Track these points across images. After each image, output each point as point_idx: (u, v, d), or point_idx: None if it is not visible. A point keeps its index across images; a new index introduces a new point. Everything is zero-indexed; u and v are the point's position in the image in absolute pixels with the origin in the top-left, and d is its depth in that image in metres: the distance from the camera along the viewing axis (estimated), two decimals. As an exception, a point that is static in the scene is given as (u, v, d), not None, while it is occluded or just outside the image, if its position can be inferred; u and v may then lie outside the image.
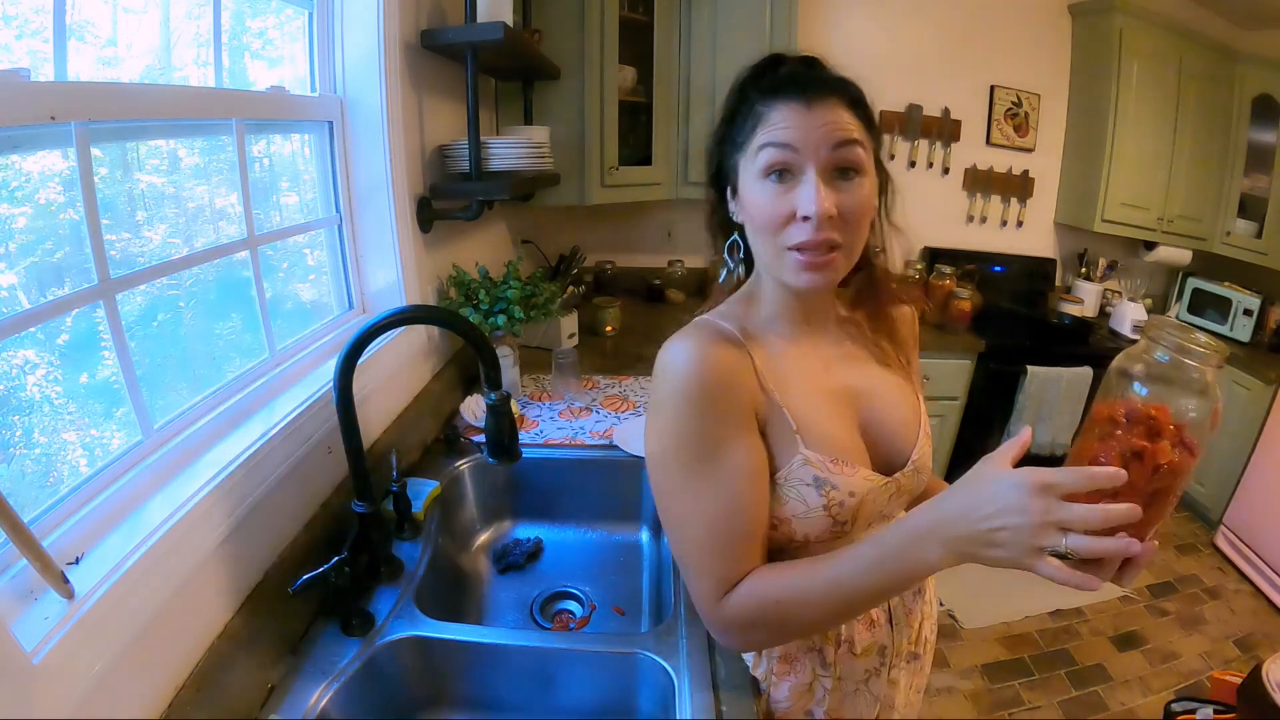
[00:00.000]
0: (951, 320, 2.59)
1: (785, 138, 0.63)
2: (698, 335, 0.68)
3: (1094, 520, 0.47)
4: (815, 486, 0.67)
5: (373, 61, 1.19)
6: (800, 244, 0.64)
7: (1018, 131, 2.88)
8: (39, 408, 0.69)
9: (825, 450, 0.68)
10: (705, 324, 0.72)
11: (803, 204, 0.62)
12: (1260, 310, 2.70)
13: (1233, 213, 2.84)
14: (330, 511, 0.99)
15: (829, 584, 0.62)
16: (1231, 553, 2.56)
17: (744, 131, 0.67)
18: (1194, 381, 0.52)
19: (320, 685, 0.79)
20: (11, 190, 0.66)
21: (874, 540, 0.61)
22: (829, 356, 0.76)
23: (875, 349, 0.80)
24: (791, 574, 0.64)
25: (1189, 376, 0.52)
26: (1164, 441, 0.50)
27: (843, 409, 0.73)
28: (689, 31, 2.26)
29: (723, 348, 0.67)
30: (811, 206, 0.62)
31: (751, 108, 0.67)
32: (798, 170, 0.64)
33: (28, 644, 0.52)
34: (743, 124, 0.68)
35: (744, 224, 0.71)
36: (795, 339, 0.74)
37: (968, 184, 2.92)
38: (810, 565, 0.64)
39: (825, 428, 0.69)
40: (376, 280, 1.32)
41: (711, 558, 0.66)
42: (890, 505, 0.75)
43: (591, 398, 1.65)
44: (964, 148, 2.87)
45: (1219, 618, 2.27)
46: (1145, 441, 0.50)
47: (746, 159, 0.67)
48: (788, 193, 0.64)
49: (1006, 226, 3.02)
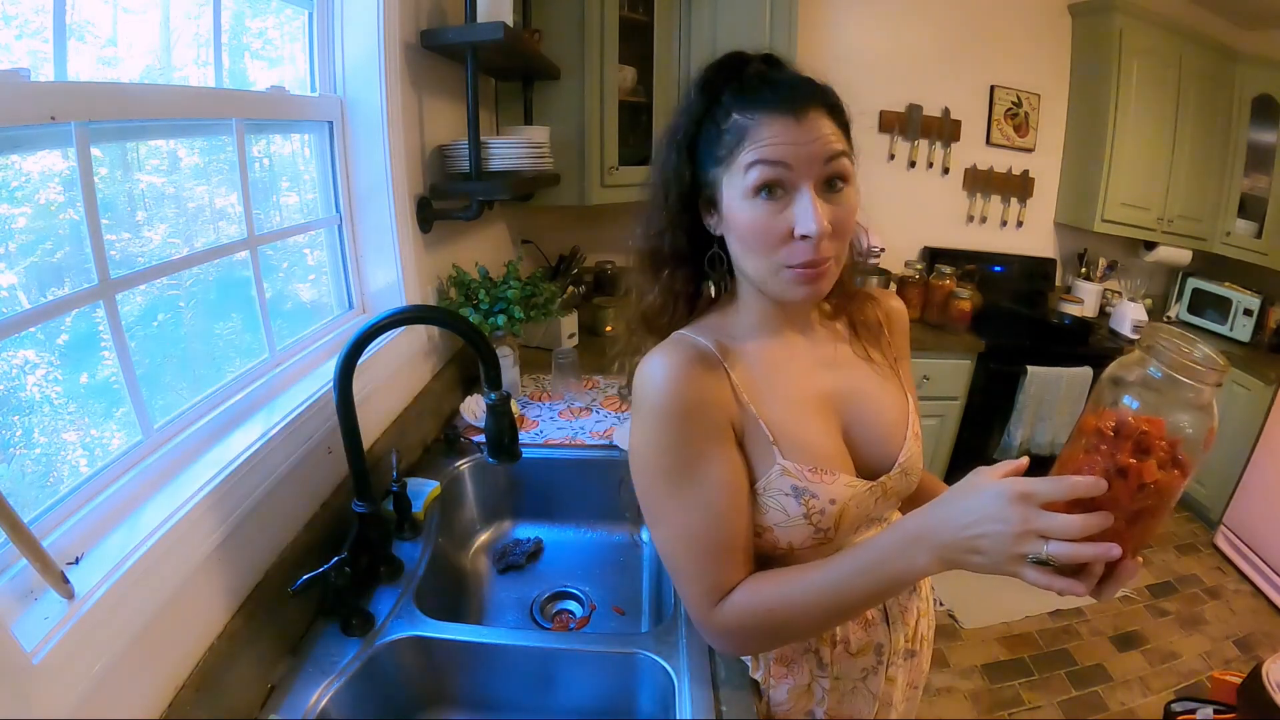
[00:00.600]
0: (951, 320, 2.59)
1: (778, 155, 0.62)
2: (673, 353, 0.68)
3: (1072, 529, 0.48)
4: (794, 496, 0.67)
5: (373, 61, 1.19)
6: (801, 263, 0.63)
7: (1018, 131, 2.88)
8: (39, 408, 0.69)
9: (803, 459, 0.68)
10: (681, 340, 0.71)
11: (802, 224, 0.62)
12: (1260, 310, 2.70)
13: (1233, 213, 2.84)
14: (330, 511, 0.99)
15: (821, 590, 0.63)
16: (1231, 553, 2.56)
17: (724, 145, 0.65)
18: (1190, 399, 0.49)
19: (320, 685, 0.79)
20: (11, 190, 0.66)
21: (865, 546, 0.62)
22: (811, 360, 0.75)
23: (859, 349, 0.80)
24: (784, 581, 0.65)
25: (1184, 394, 0.49)
26: (1152, 460, 0.48)
27: (824, 414, 0.73)
28: (689, 31, 2.26)
29: (696, 365, 0.67)
30: (812, 226, 0.61)
31: (729, 117, 0.65)
32: (790, 187, 0.63)
33: (28, 644, 0.52)
34: (721, 135, 0.65)
35: (724, 237, 0.69)
36: (776, 345, 0.74)
37: (968, 184, 2.92)
38: (802, 572, 0.65)
39: (803, 436, 0.69)
40: (376, 280, 1.32)
41: (696, 567, 0.67)
42: (878, 508, 0.74)
43: (591, 398, 1.65)
44: (964, 148, 2.87)
45: (1219, 618, 2.27)
46: (1132, 459, 0.48)
47: (731, 175, 0.65)
48: (782, 210, 0.63)
49: (1006, 226, 3.02)
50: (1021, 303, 2.96)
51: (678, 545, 0.68)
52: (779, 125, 0.62)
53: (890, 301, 0.86)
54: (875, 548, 0.60)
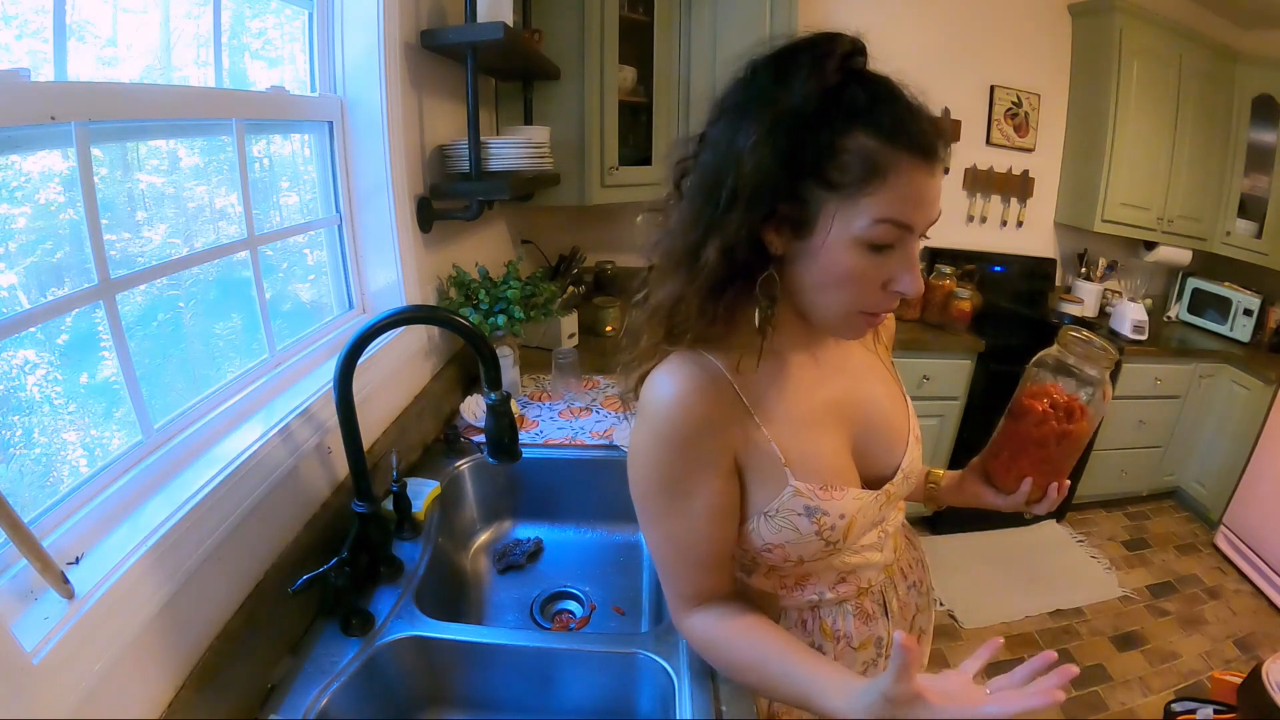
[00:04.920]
0: (951, 320, 2.59)
1: (910, 218, 0.56)
2: (685, 376, 0.64)
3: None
4: (807, 515, 0.67)
5: (373, 62, 1.19)
6: (879, 310, 0.62)
7: (1018, 131, 2.88)
8: (39, 408, 0.69)
9: (814, 478, 0.68)
10: (694, 360, 0.65)
11: (904, 284, 0.59)
12: (1260, 310, 2.71)
13: (1233, 213, 2.84)
14: (330, 511, 0.99)
15: (761, 685, 0.69)
16: (1231, 553, 2.56)
17: (845, 169, 0.55)
18: (1095, 376, 0.74)
19: (320, 685, 0.79)
20: (11, 190, 0.66)
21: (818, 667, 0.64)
22: (824, 365, 0.74)
23: (868, 354, 0.81)
24: (742, 644, 0.69)
25: (1090, 373, 0.74)
26: (1083, 422, 0.73)
27: (834, 427, 0.72)
28: (689, 31, 2.26)
29: (706, 393, 0.64)
30: (913, 288, 0.59)
31: (855, 138, 0.55)
32: (899, 244, 0.58)
33: (28, 644, 0.52)
34: (838, 155, 0.55)
35: (792, 262, 0.61)
36: (794, 359, 0.72)
37: (968, 184, 2.92)
38: (762, 658, 0.67)
39: (814, 454, 0.69)
40: (376, 280, 1.32)
41: (677, 574, 0.72)
42: (882, 514, 0.76)
43: (591, 398, 1.65)
44: (964, 148, 2.87)
45: (1219, 618, 2.27)
46: (1069, 425, 0.73)
47: (847, 213, 0.56)
48: (884, 262, 0.58)
49: (1006, 226, 3.02)
50: (1021, 303, 2.96)
51: (662, 548, 0.71)
52: (917, 176, 0.56)
53: None
54: (821, 679, 0.62)
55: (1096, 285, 3.00)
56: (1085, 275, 3.05)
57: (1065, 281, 3.14)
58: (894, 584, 0.81)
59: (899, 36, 2.72)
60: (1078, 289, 3.02)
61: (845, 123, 0.55)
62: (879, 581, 0.79)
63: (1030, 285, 3.02)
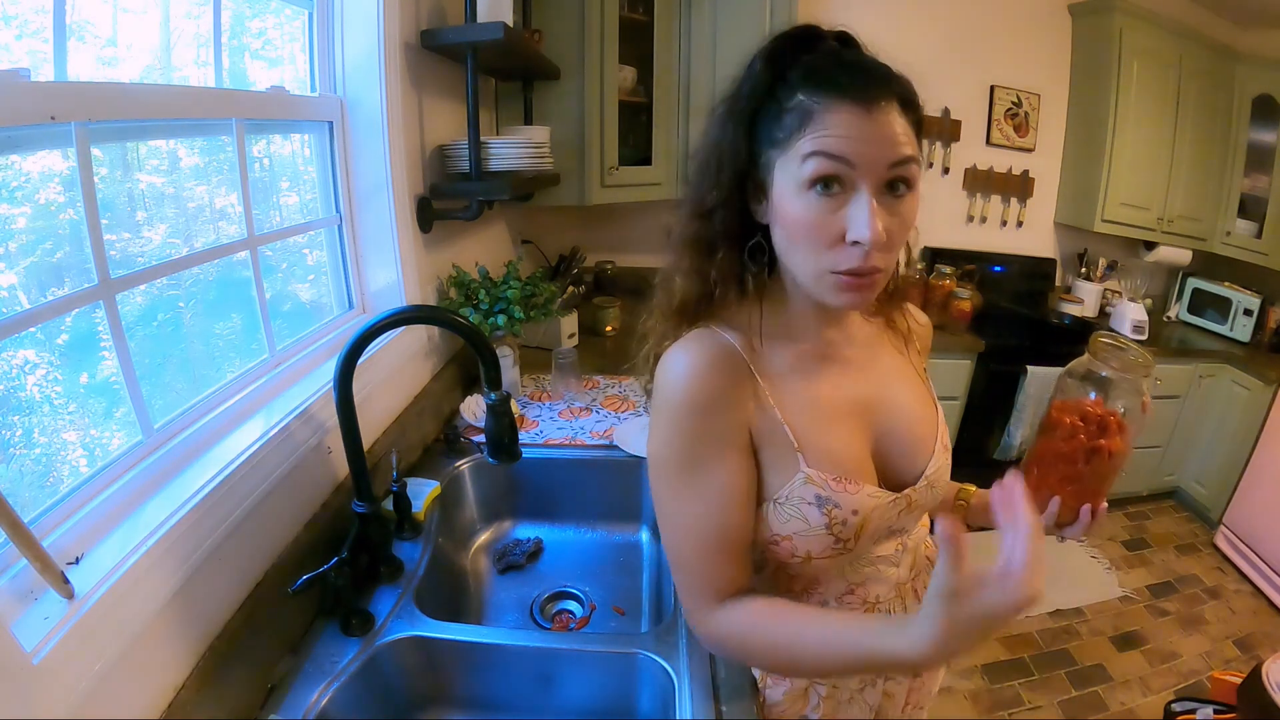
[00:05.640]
0: (951, 320, 2.59)
1: (841, 150, 0.56)
2: (697, 349, 0.65)
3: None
4: (817, 505, 0.65)
5: (373, 61, 1.19)
6: (848, 270, 0.59)
7: (1018, 131, 2.88)
8: (39, 408, 0.69)
9: (828, 468, 0.66)
10: (707, 336, 0.67)
11: (855, 229, 0.57)
12: (1260, 310, 2.71)
13: (1233, 213, 2.84)
14: (330, 511, 0.99)
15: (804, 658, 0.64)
16: (1231, 553, 2.56)
17: (784, 126, 0.59)
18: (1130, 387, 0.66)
19: (320, 685, 0.79)
20: (11, 190, 0.66)
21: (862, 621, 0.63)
22: (846, 362, 0.72)
23: (897, 356, 0.78)
24: (778, 629, 0.64)
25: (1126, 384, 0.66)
26: (1116, 437, 0.66)
27: (854, 422, 0.70)
28: (689, 31, 2.26)
29: (719, 366, 0.65)
30: (866, 234, 0.56)
31: (793, 96, 0.59)
32: (849, 185, 0.57)
33: (28, 644, 0.52)
34: (782, 114, 0.59)
35: (770, 227, 0.64)
36: (810, 345, 0.70)
37: (968, 184, 2.92)
38: (798, 630, 0.63)
39: (829, 444, 0.67)
40: (376, 280, 1.32)
41: (693, 562, 0.68)
42: (900, 520, 0.72)
43: (591, 398, 1.65)
44: (964, 148, 2.87)
45: (1219, 618, 2.28)
46: (1101, 440, 0.65)
47: (787, 161, 0.59)
48: (836, 210, 0.57)
49: (1006, 226, 3.02)
50: (1021, 303, 2.97)
51: (679, 539, 0.68)
52: (847, 114, 0.56)
53: (919, 315, 0.83)
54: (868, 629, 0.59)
55: (1096, 285, 3.00)
56: (1085, 275, 3.05)
57: (1065, 281, 3.14)
58: (904, 604, 0.76)
59: (899, 36, 2.72)
60: (1078, 289, 3.02)
61: (787, 89, 0.60)
62: (888, 599, 0.74)
63: (1030, 285, 3.02)
